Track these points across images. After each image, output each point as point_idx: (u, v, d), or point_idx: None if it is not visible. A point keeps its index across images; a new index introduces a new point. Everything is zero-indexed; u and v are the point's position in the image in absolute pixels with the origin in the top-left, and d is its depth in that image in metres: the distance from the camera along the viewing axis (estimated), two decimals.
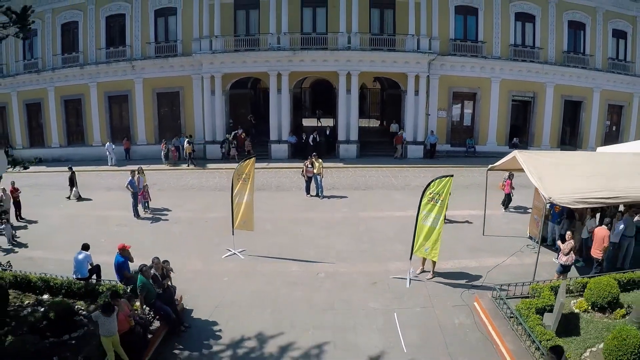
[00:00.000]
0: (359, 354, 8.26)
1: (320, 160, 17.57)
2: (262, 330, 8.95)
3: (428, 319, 9.26)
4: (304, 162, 17.85)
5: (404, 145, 24.84)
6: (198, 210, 16.53)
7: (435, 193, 10.09)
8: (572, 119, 27.12)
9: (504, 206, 16.01)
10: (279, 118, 24.87)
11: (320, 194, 17.61)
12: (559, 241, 10.67)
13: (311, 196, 17.76)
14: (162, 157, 24.37)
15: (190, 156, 23.96)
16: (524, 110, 27.13)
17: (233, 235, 12.52)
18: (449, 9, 24.94)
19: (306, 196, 17.80)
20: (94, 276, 10.22)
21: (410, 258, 10.84)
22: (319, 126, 29.59)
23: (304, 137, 24.98)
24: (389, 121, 29.30)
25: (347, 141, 24.86)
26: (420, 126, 25.03)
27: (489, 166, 13.23)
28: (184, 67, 25.38)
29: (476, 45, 25.22)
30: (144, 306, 8.54)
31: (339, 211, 16.19)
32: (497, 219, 14.80)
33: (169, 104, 26.65)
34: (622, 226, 10.93)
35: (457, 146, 25.89)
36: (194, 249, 12.92)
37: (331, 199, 17.59)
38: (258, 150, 24.24)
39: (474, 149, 25.49)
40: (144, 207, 16.30)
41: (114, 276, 9.94)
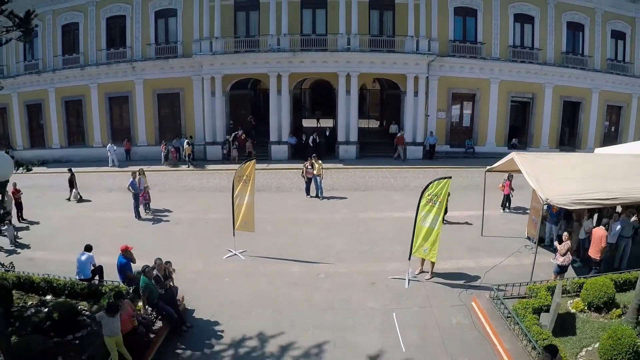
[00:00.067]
0: (359, 353, 8.37)
1: (320, 162, 17.67)
2: (263, 329, 9.06)
3: (426, 319, 9.36)
4: (303, 164, 17.95)
5: (404, 146, 24.87)
6: (199, 211, 16.60)
7: (433, 194, 10.21)
8: (571, 119, 27.16)
9: (502, 207, 16.13)
10: (279, 119, 24.95)
11: (320, 195, 17.71)
12: (556, 242, 10.76)
13: (311, 197, 17.86)
14: (162, 158, 24.48)
15: (190, 157, 24.05)
16: (523, 111, 27.17)
17: (234, 236, 12.61)
18: (448, 10, 25.04)
19: (306, 197, 17.90)
20: (96, 277, 10.32)
21: (409, 258, 10.95)
22: (318, 127, 29.66)
23: (303, 138, 25.10)
24: (388, 122, 29.35)
25: (347, 142, 24.93)
26: (420, 127, 25.11)
27: (487, 168, 13.33)
28: (184, 68, 25.45)
29: (475, 47, 25.30)
30: (147, 306, 8.66)
31: (338, 212, 16.27)
32: (495, 220, 14.91)
33: (170, 105, 26.70)
34: (618, 227, 11.02)
35: (456, 147, 25.95)
36: (195, 249, 13.00)
37: (331, 199, 17.69)
38: (258, 151, 24.37)
39: (473, 149, 25.54)
40: (145, 208, 16.37)
41: (116, 277, 10.03)
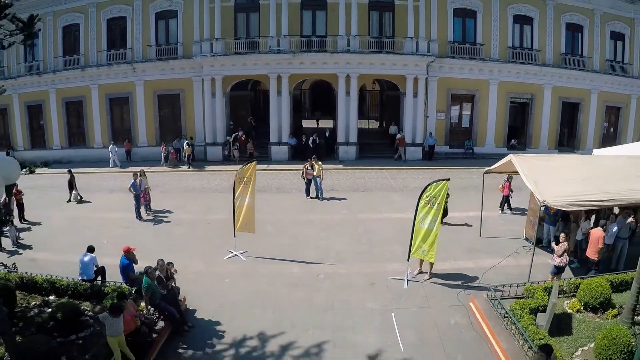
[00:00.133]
0: (358, 353, 8.48)
1: (320, 163, 17.78)
2: (264, 329, 9.17)
3: (425, 319, 9.48)
4: (304, 165, 18.05)
5: (404, 147, 24.91)
6: (199, 212, 16.70)
7: (431, 196, 10.32)
8: (569, 120, 27.22)
9: (501, 208, 16.24)
10: (279, 120, 25.04)
11: (320, 196, 17.81)
12: (553, 243, 10.86)
13: (311, 198, 17.96)
14: (162, 159, 24.59)
15: (189, 158, 24.14)
16: (522, 112, 27.24)
17: (234, 237, 12.71)
18: (448, 11, 25.11)
19: (306, 198, 18.01)
20: (99, 278, 10.43)
21: (407, 259, 11.06)
22: (318, 128, 29.76)
23: (303, 139, 25.18)
24: (388, 123, 29.46)
25: (347, 143, 25.00)
26: (419, 128, 25.19)
27: (486, 169, 13.42)
28: (184, 69, 25.52)
29: (474, 48, 25.38)
30: (149, 307, 8.77)
31: (338, 213, 16.37)
32: (494, 221, 15.03)
33: (170, 106, 26.76)
34: (615, 228, 11.13)
35: (455, 148, 26.01)
36: (196, 250, 13.10)
37: (331, 200, 17.79)
38: (258, 152, 24.50)
39: (472, 150, 25.63)
40: (146, 209, 16.47)
41: (118, 277, 10.14)
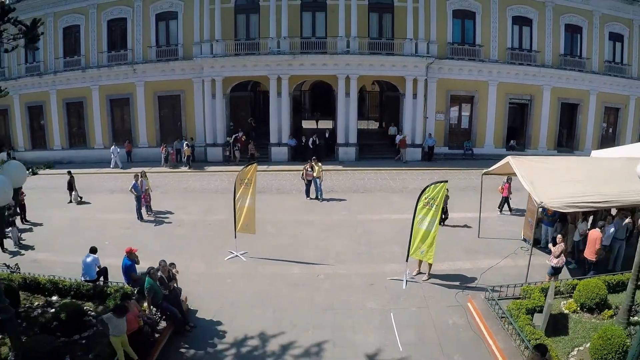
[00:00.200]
0: (357, 352, 8.59)
1: (320, 164, 17.90)
2: (264, 329, 9.28)
3: (423, 319, 9.59)
4: (304, 166, 18.16)
5: (405, 149, 25.00)
6: (200, 212, 16.79)
7: (430, 198, 10.44)
8: (568, 121, 27.33)
9: (500, 209, 16.34)
10: (279, 121, 25.14)
11: (319, 197, 17.92)
12: (550, 244, 10.97)
13: (311, 199, 18.07)
14: (162, 159, 24.71)
15: (189, 159, 24.20)
16: (521, 113, 27.34)
17: (235, 238, 12.82)
18: (447, 13, 25.22)
19: (306, 199, 18.12)
20: (101, 278, 10.55)
21: (406, 260, 11.17)
22: (318, 129, 29.87)
23: (303, 140, 25.27)
24: (387, 123, 29.57)
25: (346, 144, 25.11)
26: (418, 129, 25.31)
27: (484, 171, 13.51)
28: (184, 70, 25.63)
29: (474, 49, 25.48)
30: (152, 307, 8.88)
31: (338, 214, 16.48)
32: (492, 222, 15.13)
33: (170, 107, 26.87)
34: (612, 229, 11.22)
35: (454, 149, 26.10)
36: (197, 251, 13.20)
37: (330, 201, 17.89)
38: (259, 153, 24.61)
39: (471, 151, 25.74)
40: (147, 210, 16.57)
41: (120, 278, 10.26)
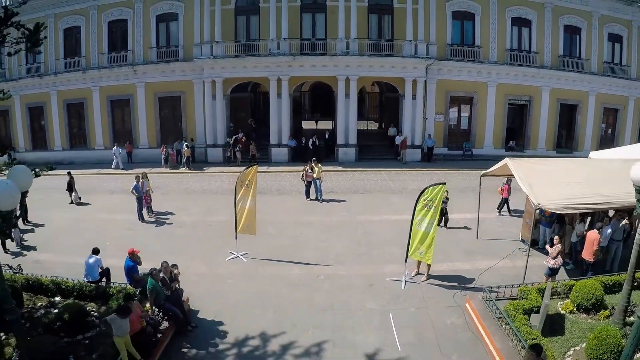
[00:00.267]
0: (357, 352, 8.70)
1: (320, 165, 18.01)
2: (265, 329, 9.39)
3: (422, 319, 9.70)
4: (304, 167, 18.26)
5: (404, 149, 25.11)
6: (200, 213, 16.89)
7: (428, 200, 10.55)
8: (567, 122, 27.45)
9: (499, 210, 16.42)
10: (279, 122, 25.24)
11: (319, 198, 18.03)
12: (547, 245, 11.06)
13: (311, 200, 18.17)
14: (162, 160, 24.81)
15: (188, 160, 24.27)
16: (520, 114, 27.45)
17: (236, 239, 12.92)
18: (446, 14, 25.34)
19: (306, 200, 18.22)
20: (103, 279, 10.65)
21: (405, 261, 11.28)
22: (318, 129, 29.98)
23: (303, 141, 25.37)
24: (387, 124, 29.69)
25: (346, 145, 25.21)
26: (418, 130, 25.44)
27: (482, 173, 13.59)
28: (185, 71, 25.73)
29: (473, 50, 25.59)
30: (154, 307, 8.98)
31: (338, 215, 16.58)
32: (491, 222, 15.23)
33: (171, 108, 26.99)
34: (609, 230, 11.31)
35: (454, 149, 26.20)
36: (198, 252, 13.29)
37: (330, 202, 17.99)
38: (259, 154, 24.73)
39: (470, 152, 25.84)
40: (148, 211, 16.66)
41: (122, 279, 10.32)
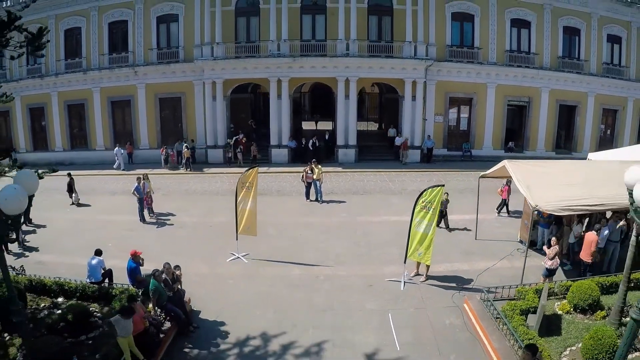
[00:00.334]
0: (356, 352, 8.82)
1: (320, 167, 18.11)
2: (266, 329, 9.50)
3: (421, 320, 9.81)
4: (304, 168, 18.35)
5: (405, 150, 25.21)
6: (201, 214, 16.97)
7: (427, 201, 10.66)
8: (567, 123, 27.52)
9: (498, 210, 16.51)
10: (279, 123, 25.33)
11: (319, 199, 18.12)
12: (545, 246, 11.18)
13: (311, 201, 18.27)
14: (162, 161, 24.91)
15: (188, 161, 24.33)
16: (519, 115, 27.53)
17: (237, 240, 13.01)
18: (446, 15, 25.41)
19: (306, 201, 18.32)
20: (106, 280, 10.76)
21: (404, 262, 11.38)
22: (318, 130, 30.09)
23: (303, 142, 25.44)
24: (387, 125, 29.77)
25: (346, 146, 25.28)
26: (417, 131, 25.53)
27: (481, 174, 13.69)
28: (185, 73, 25.81)
29: (472, 51, 25.66)
30: (156, 308, 9.09)
31: (337, 216, 16.67)
32: (490, 223, 15.30)
33: (171, 109, 27.08)
34: (606, 232, 11.42)
35: (453, 150, 26.28)
36: (199, 253, 13.37)
37: (330, 203, 18.08)
38: (260, 155, 24.82)
39: (470, 153, 25.92)
40: (149, 212, 16.77)
41: (124, 280, 10.45)
